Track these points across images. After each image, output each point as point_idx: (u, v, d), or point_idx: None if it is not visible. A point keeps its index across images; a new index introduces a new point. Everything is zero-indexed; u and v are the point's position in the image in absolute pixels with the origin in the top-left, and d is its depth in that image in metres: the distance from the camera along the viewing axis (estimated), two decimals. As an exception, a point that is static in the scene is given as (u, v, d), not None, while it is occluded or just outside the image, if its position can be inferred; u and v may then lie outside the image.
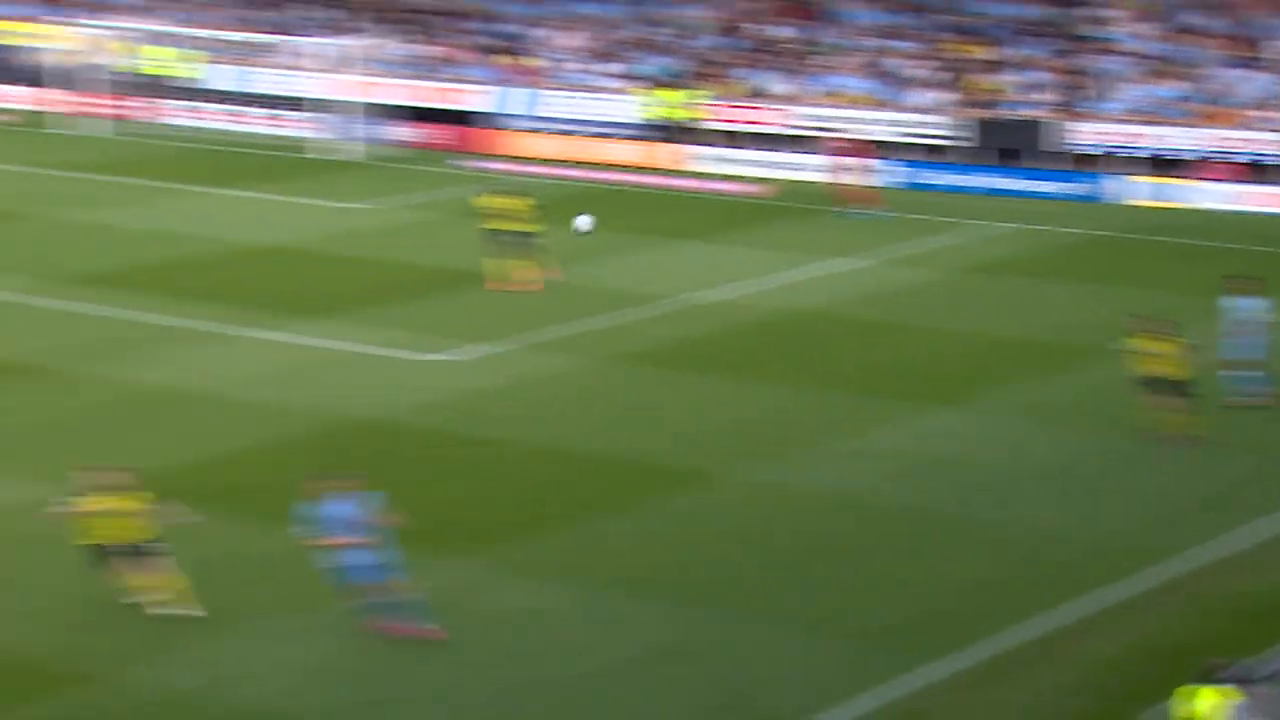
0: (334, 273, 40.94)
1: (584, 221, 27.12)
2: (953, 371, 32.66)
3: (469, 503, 26.34)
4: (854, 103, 53.91)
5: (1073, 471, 27.59)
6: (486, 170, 53.47)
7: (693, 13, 59.90)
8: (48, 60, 64.06)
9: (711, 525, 25.42)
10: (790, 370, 33.08)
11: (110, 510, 21.61)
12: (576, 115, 56.95)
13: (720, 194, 51.20)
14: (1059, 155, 51.18)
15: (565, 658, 20.97)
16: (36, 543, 24.02)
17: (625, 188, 51.98)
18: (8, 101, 64.19)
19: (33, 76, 64.68)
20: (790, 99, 54.89)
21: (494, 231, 38.40)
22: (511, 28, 61.37)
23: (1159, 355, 28.24)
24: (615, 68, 57.96)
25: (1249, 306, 30.38)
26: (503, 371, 33.05)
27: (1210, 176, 48.63)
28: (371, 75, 58.36)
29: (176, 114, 61.67)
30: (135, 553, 21.73)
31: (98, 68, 61.31)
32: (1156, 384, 28.27)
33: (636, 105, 56.01)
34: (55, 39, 64.85)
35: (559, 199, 47.00)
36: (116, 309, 36.69)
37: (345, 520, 21.04)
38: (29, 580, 23.21)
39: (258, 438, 29.20)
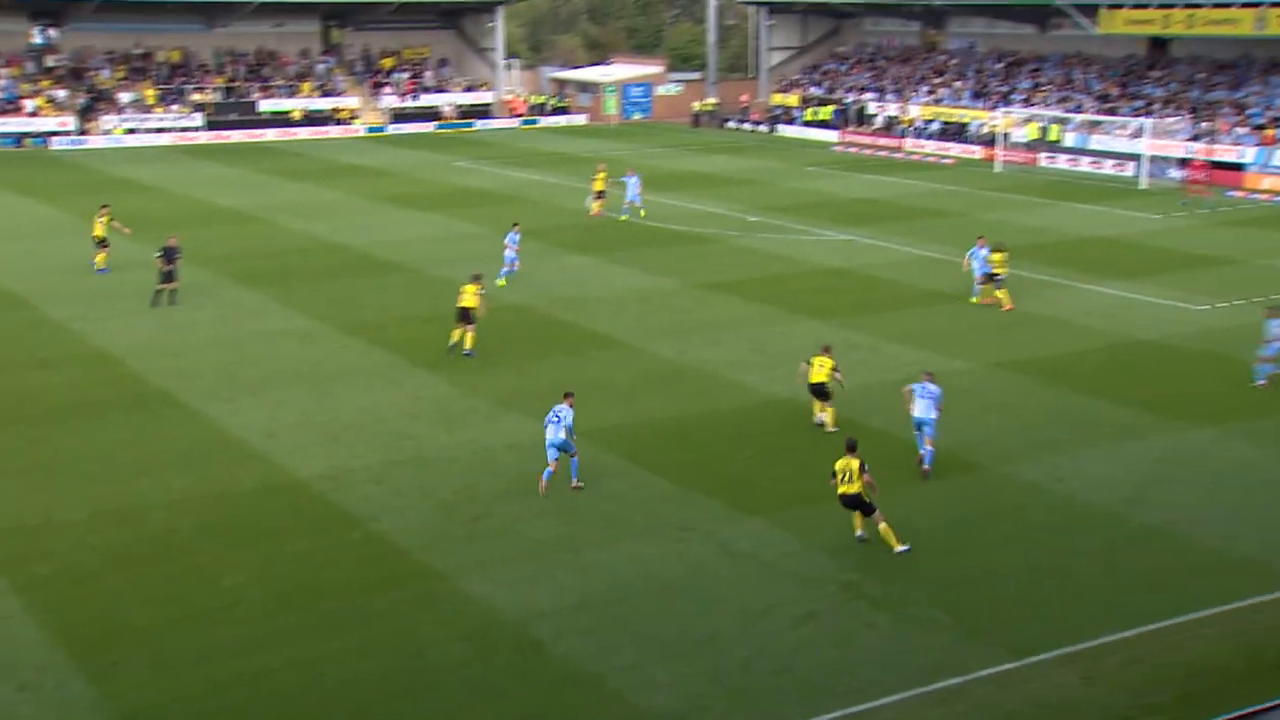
0: (1132, 254, 39.04)
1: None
2: None
3: (1210, 393, 25.14)
4: None
5: None
6: (1237, 199, 49.56)
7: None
8: (979, 130, 66.33)
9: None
10: None
11: None
12: (1300, 165, 51.52)
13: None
14: None
15: None
16: (965, 394, 24.79)
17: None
18: (960, 152, 65.65)
19: (979, 139, 66.36)
20: None
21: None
22: (1259, 112, 56.09)
23: None
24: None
25: None
26: (1236, 317, 30.79)
27: None
28: (1166, 139, 55.13)
29: (1046, 161, 60.24)
30: None
31: (1004, 133, 61.26)
32: None
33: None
34: (983, 118, 66.39)
35: (1278, 216, 43.64)
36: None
37: None
38: (969, 414, 23.72)
39: (1077, 345, 28.76)
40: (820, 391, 23.56)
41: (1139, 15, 59.82)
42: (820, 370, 23.40)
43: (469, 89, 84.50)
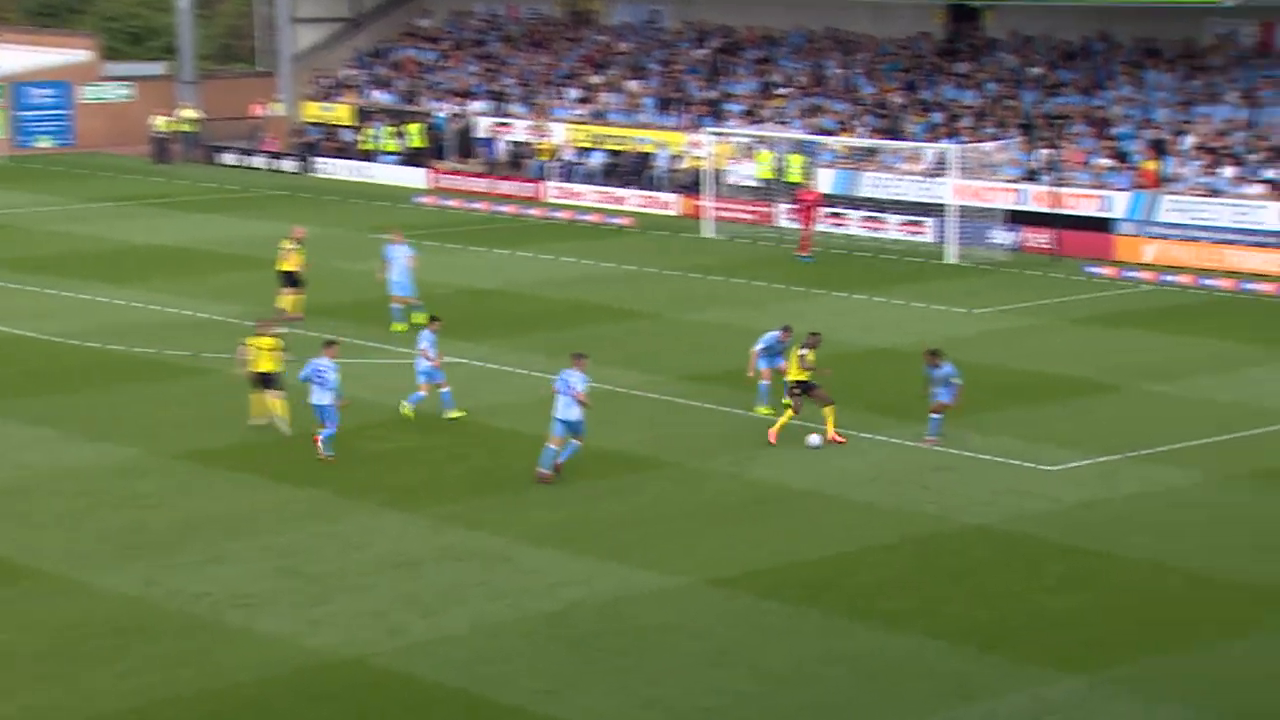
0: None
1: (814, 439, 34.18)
2: None
3: (1074, 616, 26.84)
4: None
5: None
6: (1103, 277, 54.12)
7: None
8: (671, 165, 70.16)
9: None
10: None
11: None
12: (1199, 221, 56.75)
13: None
14: None
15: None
16: (667, 632, 25.94)
17: (1249, 296, 52.32)
18: (643, 204, 68.85)
19: (654, 180, 70.31)
20: None
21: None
22: (1129, 130, 61.73)
23: None
24: (1245, 172, 57.43)
25: None
26: (1110, 484, 33.45)
27: None
28: (985, 179, 59.74)
29: (786, 217, 63.65)
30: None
31: (715, 172, 64.45)
32: None
33: (1268, 210, 55.73)
34: (677, 145, 70.75)
35: (1173, 306, 49.77)
36: (724, 405, 38.02)
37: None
38: (664, 668, 24.62)
39: (860, 539, 30.27)
40: (269, 381, 34.42)
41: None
42: (265, 354, 34.37)
43: None
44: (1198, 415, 38.20)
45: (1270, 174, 56.99)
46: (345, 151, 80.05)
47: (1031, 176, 61.14)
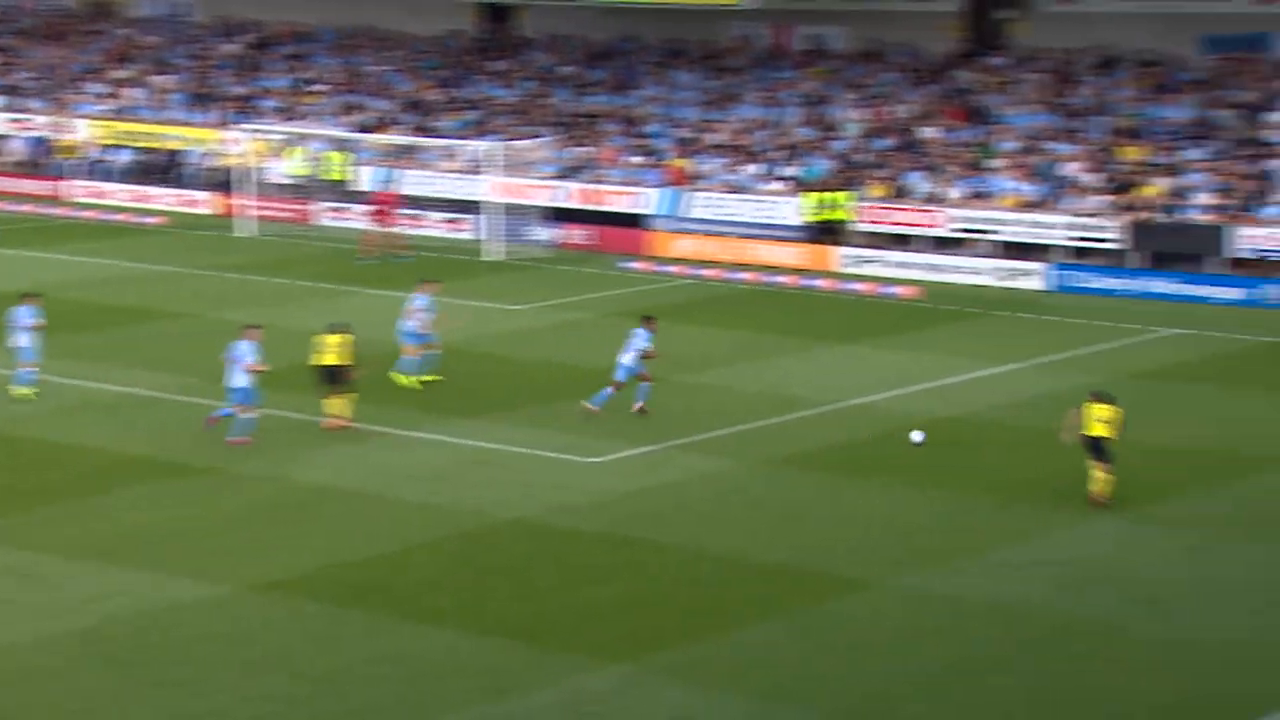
0: (484, 372, 41.55)
1: (917, 435, 34.00)
2: (1115, 480, 31.99)
3: (615, 606, 27.20)
4: (1009, 204, 54.42)
5: (1243, 584, 27.80)
6: (637, 272, 54.85)
7: (844, 113, 60.78)
8: (204, 163, 69.01)
9: (866, 634, 25.85)
10: (945, 477, 33.42)
11: None
12: (726, 216, 58.09)
13: (870, 296, 51.91)
14: (1219, 259, 51.19)
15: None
16: (209, 641, 25.29)
17: (773, 289, 53.47)
18: (175, 203, 67.44)
19: (187, 178, 69.05)
20: (944, 201, 55.44)
21: None
22: (659, 129, 62.78)
23: None
24: (766, 169, 58.90)
25: None
26: (652, 474, 33.98)
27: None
28: (523, 177, 60.03)
29: (327, 215, 63.09)
30: None
31: (250, 170, 63.22)
32: None
33: (787, 206, 57.05)
34: (210, 142, 69.37)
35: (703, 300, 50.92)
36: (269, 408, 37.42)
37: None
38: (206, 679, 23.98)
39: (405, 537, 30.15)
40: None
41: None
42: None
43: None
44: (730, 404, 39.00)
45: (789, 171, 58.60)
46: None
47: (568, 174, 61.65)
